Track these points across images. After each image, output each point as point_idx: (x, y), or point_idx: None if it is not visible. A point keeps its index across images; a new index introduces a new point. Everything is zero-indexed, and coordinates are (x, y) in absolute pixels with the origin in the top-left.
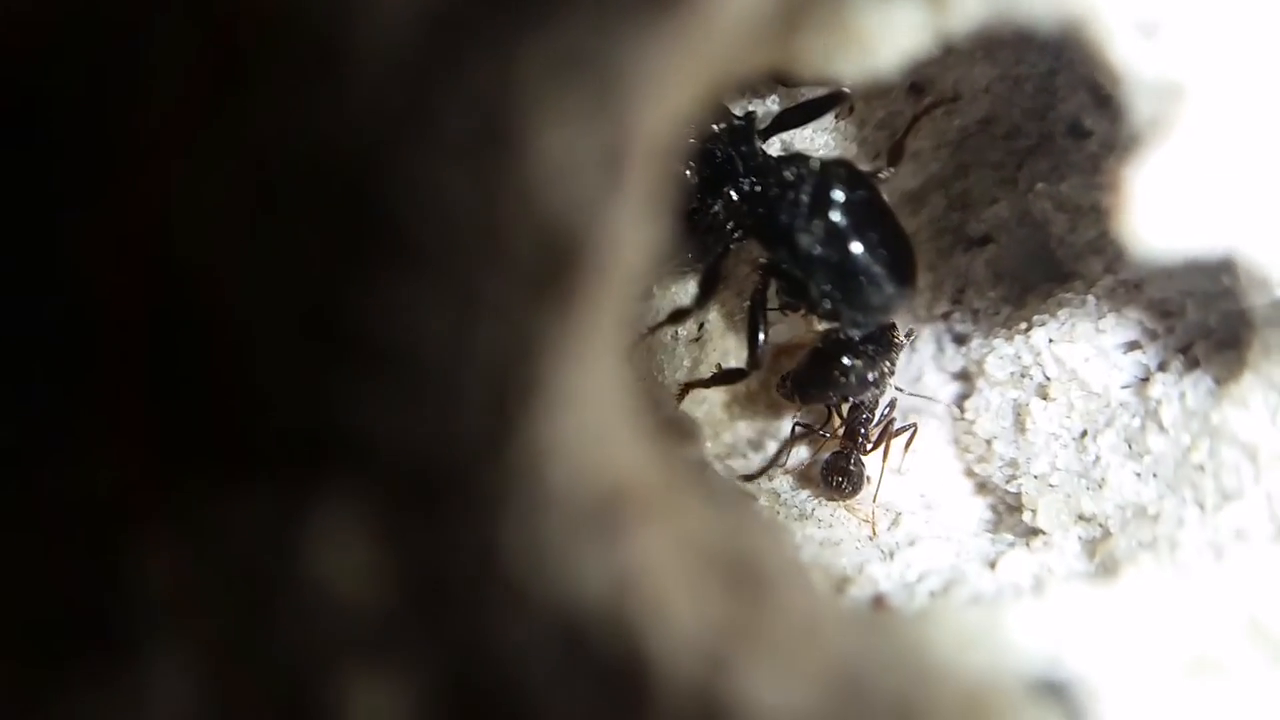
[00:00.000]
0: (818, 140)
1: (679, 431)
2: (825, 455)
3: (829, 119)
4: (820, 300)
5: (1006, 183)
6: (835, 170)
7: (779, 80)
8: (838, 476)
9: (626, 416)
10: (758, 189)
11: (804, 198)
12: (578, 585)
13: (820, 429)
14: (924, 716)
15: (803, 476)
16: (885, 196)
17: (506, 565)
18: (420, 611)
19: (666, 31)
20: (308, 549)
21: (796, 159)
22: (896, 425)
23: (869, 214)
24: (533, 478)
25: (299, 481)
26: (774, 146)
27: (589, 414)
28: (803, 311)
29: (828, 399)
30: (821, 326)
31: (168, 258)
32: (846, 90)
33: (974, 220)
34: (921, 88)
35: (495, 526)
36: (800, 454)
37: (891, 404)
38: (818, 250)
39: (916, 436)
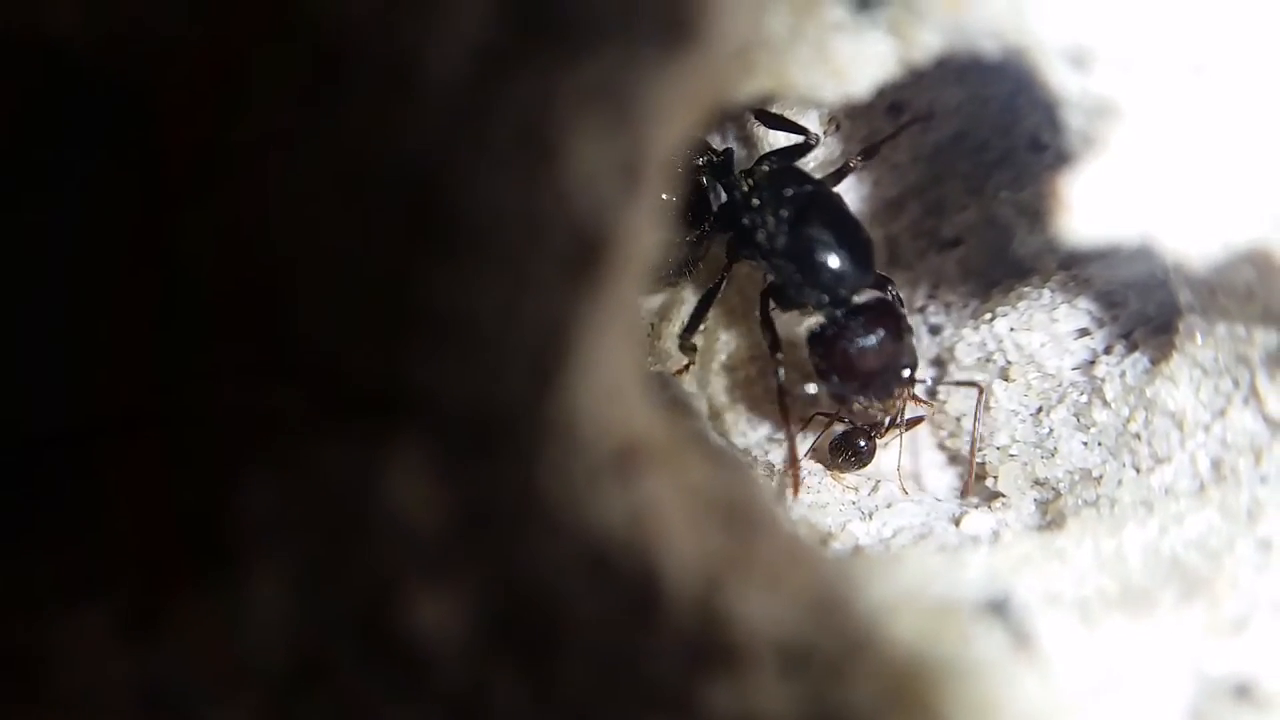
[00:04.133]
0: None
1: (682, 409)
2: (837, 432)
3: (818, 134)
4: (796, 290)
5: (975, 191)
6: (782, 174)
7: (760, 119)
8: (849, 453)
9: (639, 385)
10: (730, 208)
11: (759, 200)
12: (601, 516)
13: (839, 414)
14: (887, 630)
15: (814, 450)
16: (837, 191)
17: (543, 499)
18: (473, 537)
19: (676, 68)
20: (382, 484)
21: (752, 172)
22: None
23: (817, 206)
24: (565, 429)
25: (376, 428)
26: None
27: (610, 380)
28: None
29: (859, 389)
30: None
31: (267, 242)
32: (815, 136)
33: (946, 224)
34: (900, 107)
35: (534, 467)
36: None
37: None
38: (778, 242)
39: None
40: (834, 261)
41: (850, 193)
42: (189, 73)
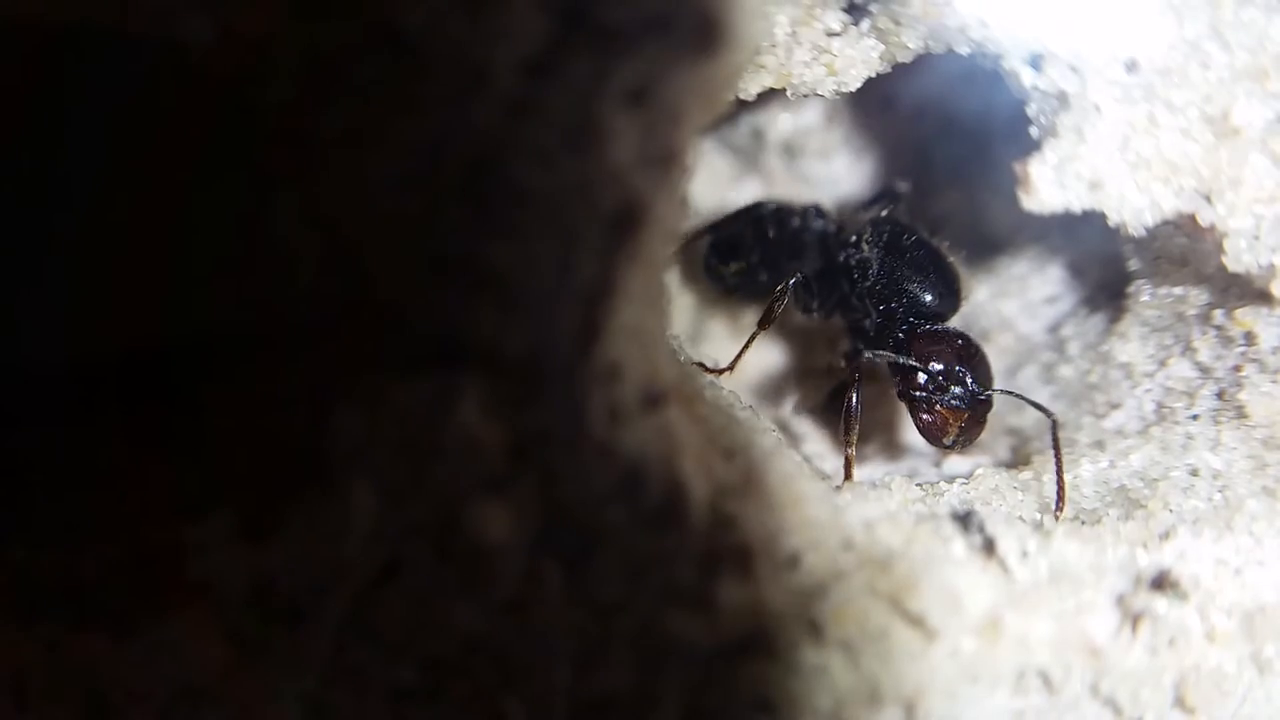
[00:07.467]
0: (812, 140)
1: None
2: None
3: (822, 132)
4: (893, 324)
5: (958, 175)
6: (880, 224)
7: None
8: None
9: (664, 339)
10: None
11: (862, 246)
12: (637, 439)
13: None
14: (870, 536)
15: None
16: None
17: (591, 427)
18: (535, 460)
19: (699, 73)
20: (453, 417)
21: (857, 230)
22: None
23: (913, 245)
24: (606, 371)
25: (447, 372)
26: None
27: (642, 332)
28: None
29: (942, 383)
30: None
31: (356, 218)
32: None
33: (933, 205)
34: (890, 100)
35: (584, 403)
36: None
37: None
38: (879, 277)
39: None
40: (930, 294)
41: (852, 176)
42: (293, 70)
